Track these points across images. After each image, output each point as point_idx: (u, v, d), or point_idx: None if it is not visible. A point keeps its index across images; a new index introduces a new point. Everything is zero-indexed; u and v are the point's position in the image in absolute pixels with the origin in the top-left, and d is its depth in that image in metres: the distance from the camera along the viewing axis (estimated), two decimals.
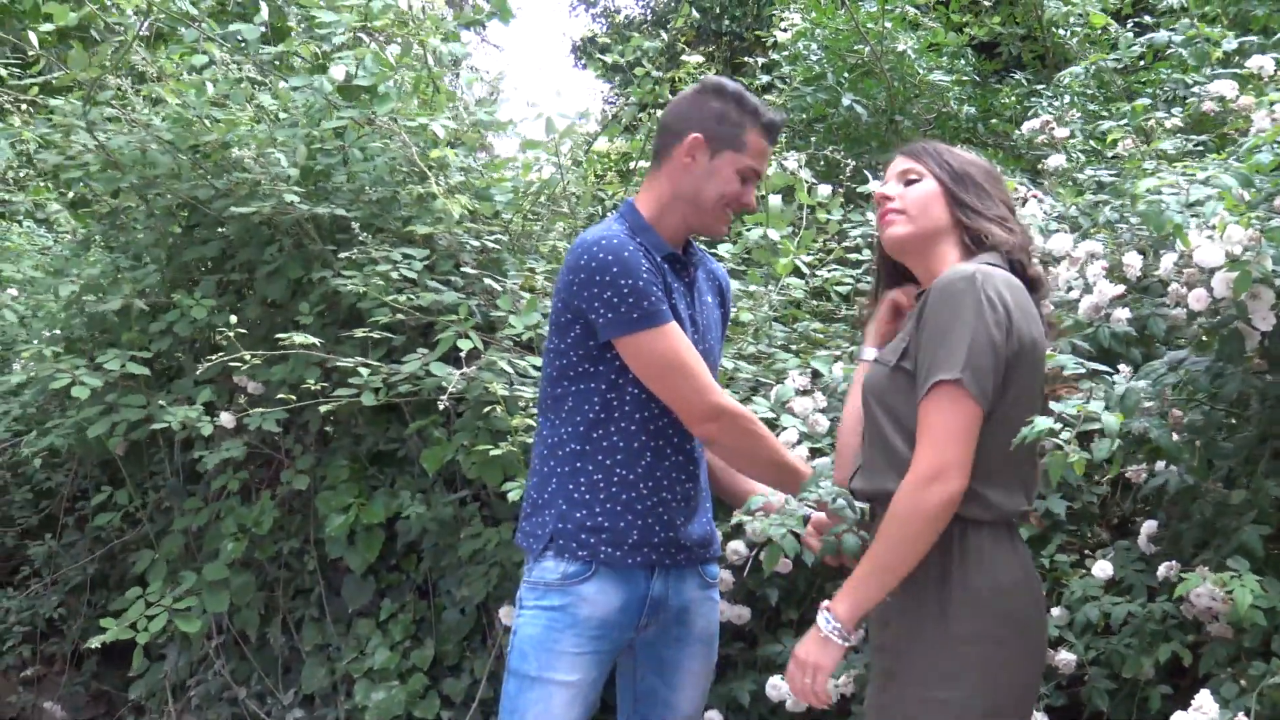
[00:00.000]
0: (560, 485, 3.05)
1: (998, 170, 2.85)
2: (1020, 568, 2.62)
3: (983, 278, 2.51)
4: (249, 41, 4.94)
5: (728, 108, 3.03)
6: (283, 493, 5.06)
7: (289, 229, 4.92)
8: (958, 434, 2.47)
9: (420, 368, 4.23)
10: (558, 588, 2.99)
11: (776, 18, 8.32)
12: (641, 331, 2.90)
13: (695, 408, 2.94)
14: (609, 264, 2.89)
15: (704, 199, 3.03)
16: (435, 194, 4.34)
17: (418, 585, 4.96)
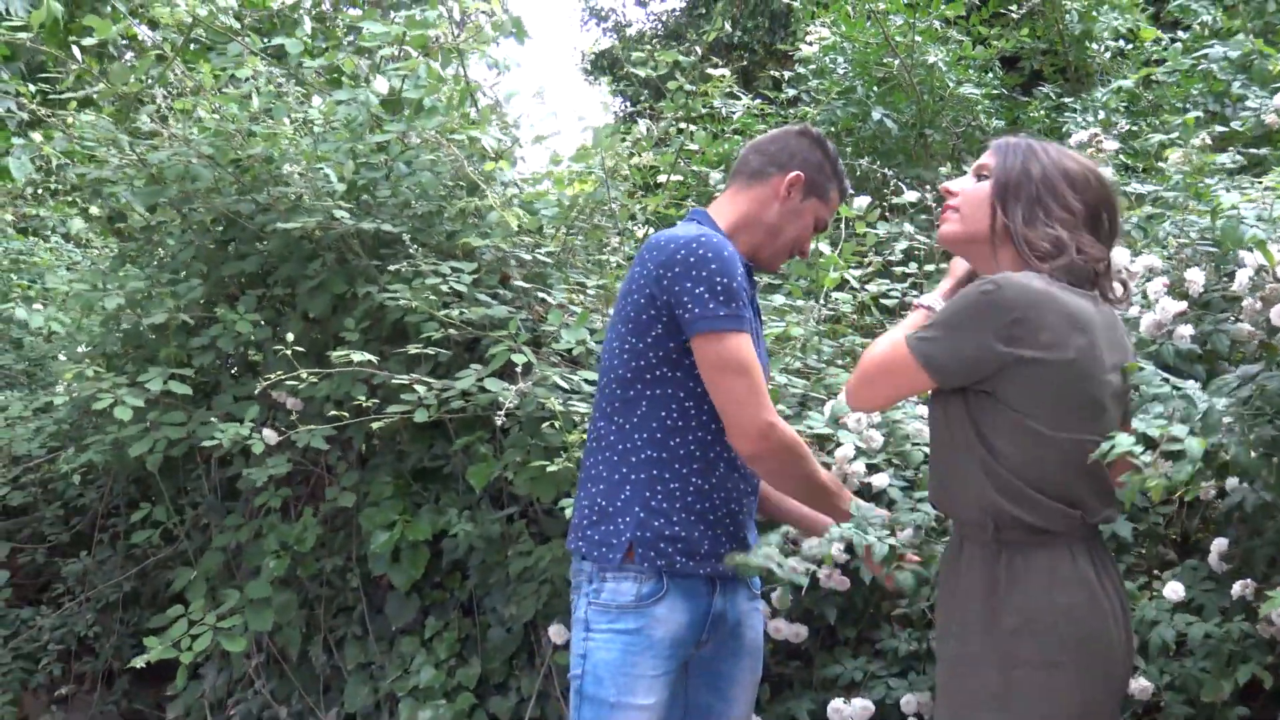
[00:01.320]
0: (635, 492, 3.00)
1: (1097, 177, 2.75)
2: (1081, 587, 2.55)
3: (1005, 281, 2.50)
4: (291, 55, 4.90)
5: (825, 162, 3.18)
6: (325, 510, 5.01)
7: (332, 244, 4.87)
8: (882, 369, 2.63)
9: (474, 383, 4.18)
10: (633, 610, 2.96)
11: (801, 31, 8.30)
12: (726, 332, 2.90)
13: (751, 420, 2.92)
14: (708, 259, 2.90)
15: (783, 234, 3.16)
16: (493, 206, 4.29)
17: (462, 603, 4.91)
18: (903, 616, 4.21)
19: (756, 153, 3.20)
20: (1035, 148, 2.74)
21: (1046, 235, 2.64)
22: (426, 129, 4.58)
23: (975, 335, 2.49)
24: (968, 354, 2.51)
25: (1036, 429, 2.51)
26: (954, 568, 2.68)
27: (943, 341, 2.52)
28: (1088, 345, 2.56)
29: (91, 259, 6.19)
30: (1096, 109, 7.50)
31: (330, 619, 5.08)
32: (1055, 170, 2.71)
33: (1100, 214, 2.73)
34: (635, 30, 12.73)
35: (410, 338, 4.71)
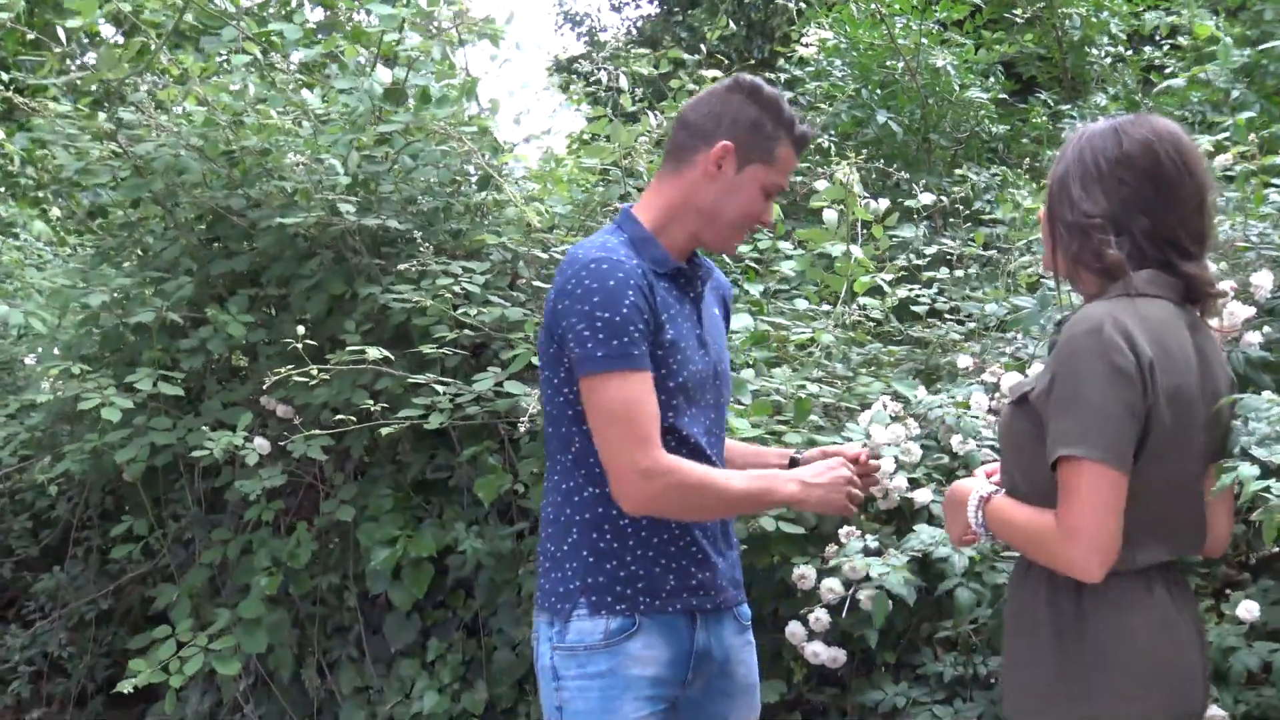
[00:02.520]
0: (582, 535, 2.68)
1: (1143, 146, 2.35)
2: (1159, 616, 2.34)
3: (1112, 327, 2.22)
4: (288, 41, 4.61)
5: (763, 116, 2.66)
6: (320, 524, 4.72)
7: (329, 241, 4.59)
8: (1098, 505, 2.21)
9: (490, 387, 3.91)
10: (603, 649, 2.63)
11: (796, 33, 8.10)
12: (602, 374, 2.54)
13: (627, 469, 2.55)
14: (592, 290, 2.53)
15: (723, 214, 2.69)
16: (511, 201, 4.01)
17: (465, 623, 4.64)
18: (946, 639, 3.98)
19: (681, 126, 2.73)
20: (1070, 144, 2.43)
21: (1099, 255, 2.34)
22: (437, 119, 4.30)
23: (1122, 416, 2.22)
24: (1133, 429, 2.24)
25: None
26: (1022, 591, 2.45)
27: (1116, 438, 2.22)
28: (1189, 374, 2.32)
29: (64, 257, 5.85)
30: (1097, 115, 7.34)
31: (324, 639, 4.78)
32: (1084, 161, 2.38)
33: (1147, 184, 2.35)
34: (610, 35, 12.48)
35: (413, 340, 4.45)
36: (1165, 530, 2.35)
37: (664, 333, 2.61)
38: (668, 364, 2.62)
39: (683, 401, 2.66)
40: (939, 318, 4.89)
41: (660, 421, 2.60)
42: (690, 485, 2.57)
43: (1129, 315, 2.25)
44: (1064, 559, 2.25)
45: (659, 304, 2.61)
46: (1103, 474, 2.20)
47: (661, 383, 2.61)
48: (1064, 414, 2.23)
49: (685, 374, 2.65)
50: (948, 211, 6.32)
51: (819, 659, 3.70)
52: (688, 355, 2.66)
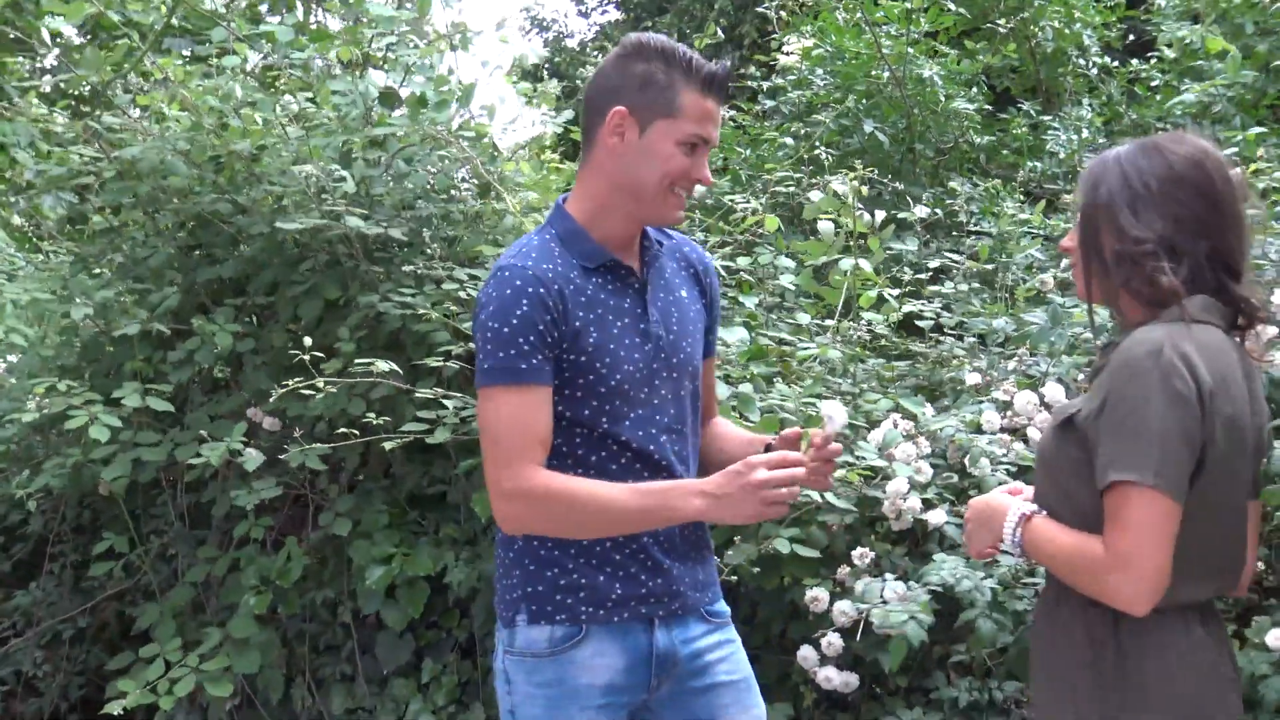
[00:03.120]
0: (525, 542, 2.57)
1: (1222, 168, 2.25)
2: (1203, 654, 2.26)
3: (1171, 351, 2.12)
4: (280, 43, 4.48)
5: (652, 67, 2.45)
6: (312, 540, 4.59)
7: (322, 246, 4.47)
8: (1152, 534, 2.11)
9: None
10: (549, 658, 2.54)
11: (777, 41, 8.04)
12: (484, 388, 2.44)
13: (493, 486, 2.46)
14: (490, 299, 2.44)
15: (644, 183, 2.48)
16: (510, 210, 3.90)
17: (460, 643, 4.52)
18: (960, 664, 3.90)
19: (584, 109, 2.54)
20: (1103, 168, 2.31)
21: (1153, 282, 2.24)
22: (436, 123, 4.18)
23: (1181, 445, 2.12)
24: (1190, 458, 2.15)
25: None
26: (1053, 627, 2.34)
27: (1173, 466, 2.12)
28: (1243, 403, 2.23)
29: (37, 265, 5.67)
30: (1080, 127, 7.33)
31: (314, 658, 4.65)
32: (1130, 185, 2.26)
33: (1201, 203, 2.25)
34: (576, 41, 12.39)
35: (408, 348, 4.33)
36: (1208, 566, 2.26)
37: (584, 338, 2.48)
38: (594, 369, 2.49)
39: (620, 405, 2.51)
40: (940, 333, 4.82)
41: (594, 428, 2.50)
42: (561, 506, 2.44)
43: (1188, 341, 2.17)
44: (1111, 589, 2.14)
45: (581, 304, 2.48)
46: (1158, 501, 2.10)
47: (591, 388, 2.49)
48: (1119, 438, 2.13)
49: (619, 376, 2.51)
50: (936, 224, 6.27)
51: (831, 684, 3.61)
52: (621, 356, 2.51)
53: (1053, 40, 7.80)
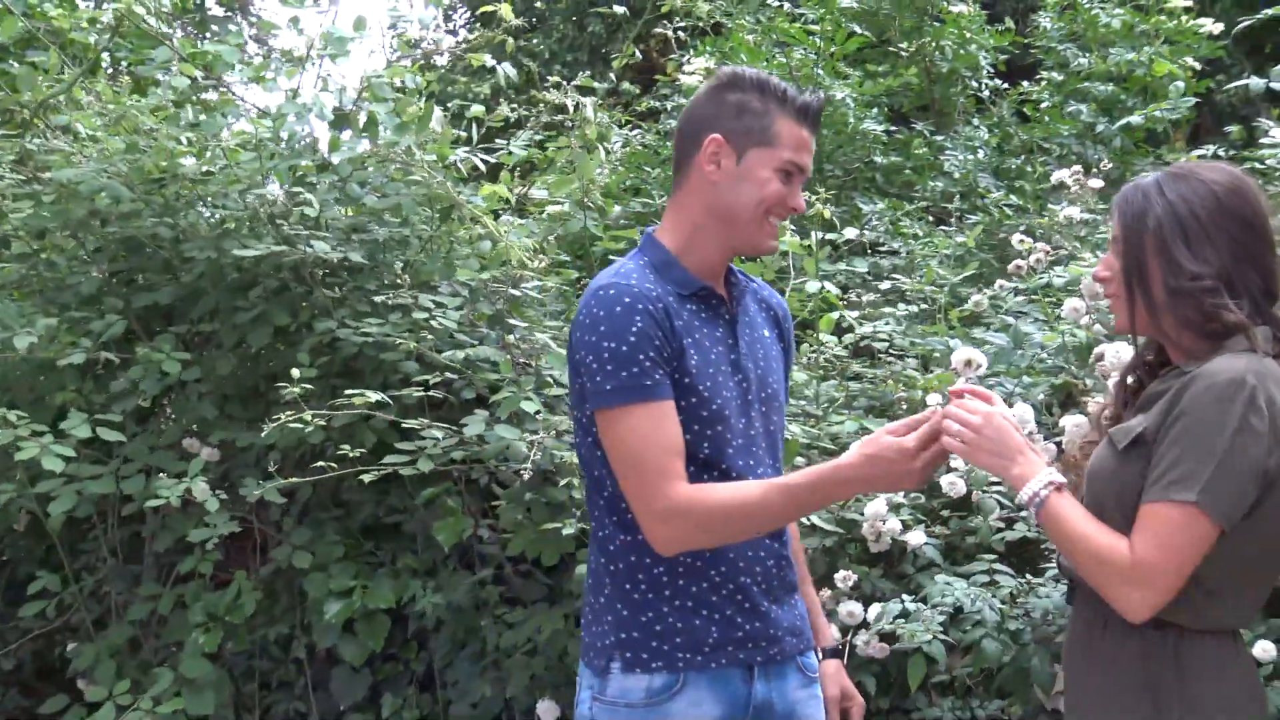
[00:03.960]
0: (616, 586, 2.52)
1: (1250, 199, 2.27)
2: (1246, 676, 2.30)
3: (1255, 381, 2.13)
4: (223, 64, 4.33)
5: (747, 96, 2.47)
6: (262, 574, 4.44)
7: (270, 272, 4.33)
8: (1183, 553, 2.14)
9: (481, 431, 3.72)
10: (643, 708, 2.47)
11: (674, 62, 8.05)
12: (611, 409, 2.40)
13: (646, 512, 2.40)
14: (599, 320, 2.41)
15: (740, 210, 2.48)
16: (491, 234, 3.82)
17: (419, 677, 4.40)
18: (940, 684, 3.93)
19: (676, 139, 2.57)
20: (1145, 197, 2.31)
21: (1216, 318, 2.23)
22: (396, 146, 4.08)
23: (1243, 471, 2.13)
24: (1251, 487, 2.15)
25: (1242, 529, 2.21)
26: (1100, 649, 2.33)
27: (1227, 491, 2.13)
28: None
29: None
30: (975, 147, 7.49)
31: (264, 697, 4.49)
32: (1179, 217, 2.26)
33: (1250, 233, 2.27)
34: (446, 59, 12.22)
35: (365, 376, 4.22)
36: (1257, 593, 2.29)
37: (688, 358, 2.44)
38: (697, 391, 2.45)
39: (723, 431, 2.48)
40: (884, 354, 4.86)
41: (695, 454, 2.44)
42: (716, 517, 2.39)
43: (1267, 374, 2.18)
44: (1124, 592, 2.15)
45: (680, 328, 2.45)
46: (1206, 527, 2.12)
47: (693, 411, 2.44)
48: (1182, 458, 2.14)
49: (720, 400, 2.47)
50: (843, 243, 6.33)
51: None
52: (720, 381, 2.48)
53: (950, 61, 7.94)
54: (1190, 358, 2.27)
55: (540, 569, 4.19)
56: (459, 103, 5.07)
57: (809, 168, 2.49)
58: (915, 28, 7.74)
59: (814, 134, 2.49)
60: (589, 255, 5.05)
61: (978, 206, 6.87)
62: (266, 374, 4.49)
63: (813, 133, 2.49)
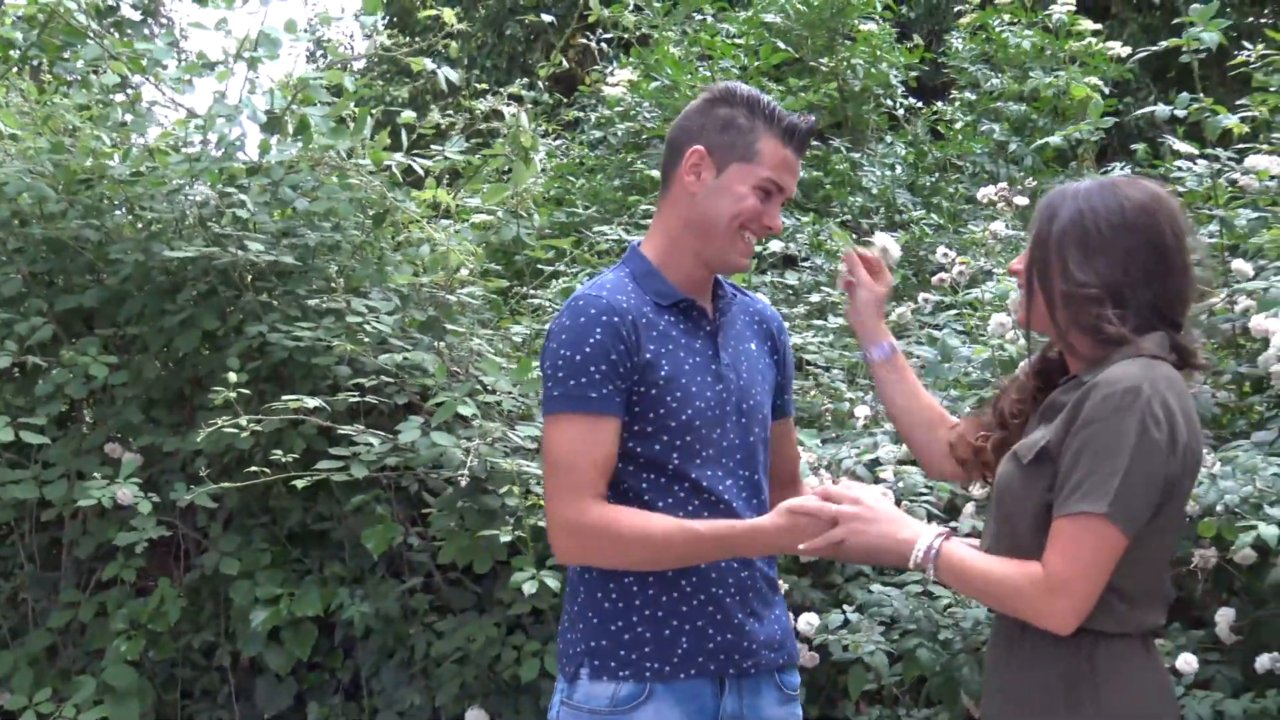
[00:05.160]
0: (589, 594, 2.55)
1: (1174, 217, 2.31)
2: (1159, 680, 2.36)
3: (1150, 390, 2.18)
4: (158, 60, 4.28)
5: (735, 112, 2.48)
6: (187, 581, 4.38)
7: (199, 275, 4.29)
8: (1097, 564, 2.19)
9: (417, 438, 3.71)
10: (606, 714, 2.49)
11: (596, 74, 8.09)
12: (550, 415, 2.46)
13: (553, 518, 2.47)
14: (562, 328, 2.46)
15: (714, 223, 2.49)
16: (433, 238, 3.81)
17: (344, 686, 4.37)
18: (868, 692, 3.97)
19: (665, 150, 2.58)
20: (1060, 201, 2.35)
21: (1097, 328, 2.28)
22: (330, 151, 4.06)
23: (1147, 481, 2.18)
24: (1154, 496, 2.21)
25: (1145, 535, 2.28)
26: (1019, 655, 2.35)
27: (1134, 501, 2.18)
28: (1200, 441, 2.31)
29: None
30: (892, 164, 7.60)
31: (186, 706, 4.43)
32: (1083, 225, 2.31)
33: (1149, 252, 2.30)
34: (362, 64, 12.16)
35: (295, 381, 4.19)
36: (1160, 595, 2.35)
37: (656, 370, 2.47)
38: (665, 402, 2.47)
39: (692, 443, 2.49)
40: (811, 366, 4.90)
41: (663, 465, 2.48)
42: (617, 530, 2.42)
43: (1163, 382, 2.25)
44: (1044, 610, 2.21)
45: (653, 339, 2.48)
46: (1113, 536, 2.17)
47: (661, 422, 2.47)
48: (1088, 470, 2.19)
49: (691, 411, 2.49)
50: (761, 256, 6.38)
51: None
52: (693, 392, 2.50)
53: (861, 79, 8.04)
54: (1085, 363, 2.33)
55: (470, 577, 4.18)
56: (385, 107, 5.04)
57: (790, 188, 2.52)
58: (827, 45, 7.83)
59: (799, 156, 2.51)
60: (517, 264, 5.06)
61: (896, 222, 6.97)
62: (193, 378, 4.45)
63: (799, 154, 2.51)
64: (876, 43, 7.79)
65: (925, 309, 5.02)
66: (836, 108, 8.27)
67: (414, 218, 4.08)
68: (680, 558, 2.46)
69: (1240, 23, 10.06)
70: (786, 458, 2.82)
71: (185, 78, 4.58)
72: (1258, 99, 4.44)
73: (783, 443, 2.79)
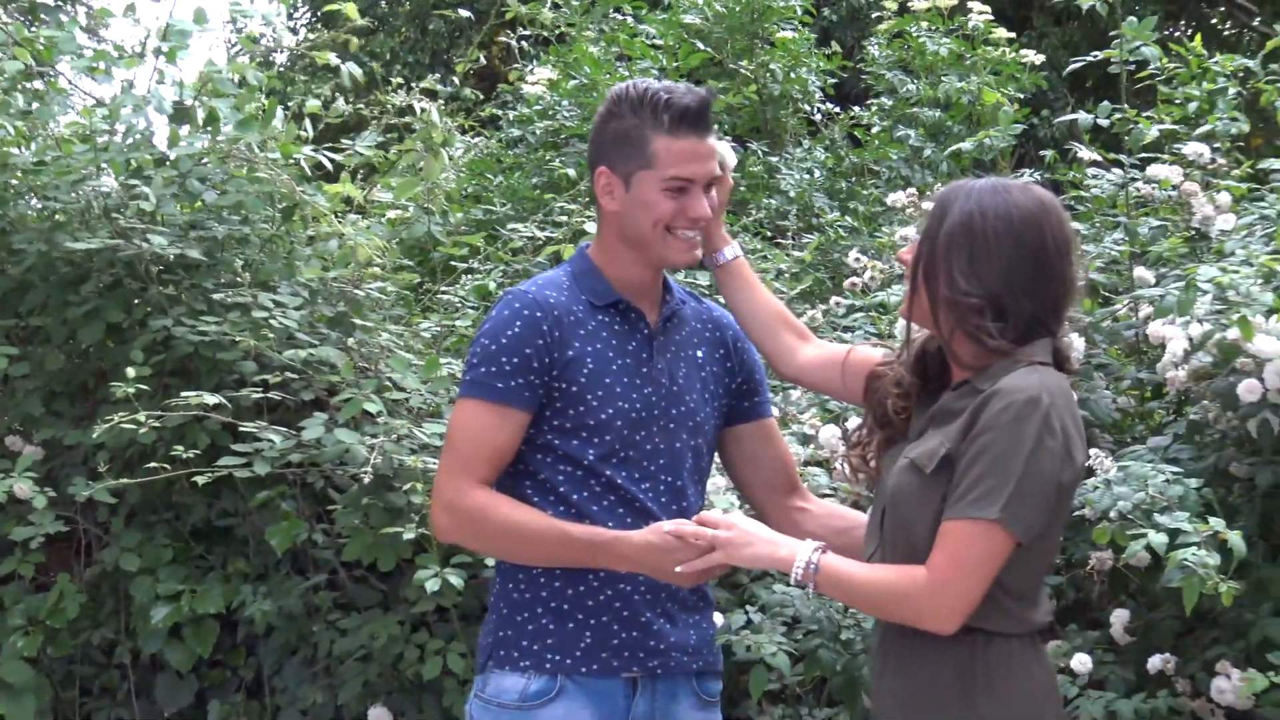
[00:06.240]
0: (502, 585, 2.59)
1: (1023, 217, 2.32)
2: (1046, 677, 2.43)
3: (1049, 401, 2.23)
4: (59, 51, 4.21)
5: (625, 123, 2.51)
6: (87, 576, 4.32)
7: (104, 267, 4.23)
8: (983, 567, 2.25)
9: (321, 435, 3.68)
10: (515, 710, 2.50)
11: (517, 71, 8.07)
12: (460, 399, 2.54)
13: (436, 494, 2.55)
14: (489, 319, 2.56)
15: (640, 234, 2.53)
16: (341, 232, 3.79)
17: (246, 683, 4.32)
18: (771, 692, 3.99)
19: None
20: (954, 199, 2.36)
21: (977, 338, 2.32)
22: (238, 143, 4.02)
23: (1042, 489, 2.24)
24: (1048, 503, 2.27)
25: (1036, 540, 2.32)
26: (910, 653, 2.39)
27: (1027, 508, 2.23)
28: (1082, 446, 2.36)
29: None
30: (811, 169, 7.64)
31: (85, 703, 4.36)
32: (971, 231, 2.32)
33: (1031, 265, 2.33)
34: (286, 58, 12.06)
35: (200, 376, 4.14)
36: (1043, 594, 2.43)
37: (579, 367, 2.51)
38: (586, 400, 2.51)
39: (611, 441, 2.52)
40: None
41: (579, 460, 2.51)
42: (488, 528, 2.49)
43: (1059, 393, 2.29)
44: (926, 611, 2.26)
45: (580, 335, 2.52)
46: (1003, 541, 2.23)
47: (580, 419, 2.52)
48: (987, 476, 2.23)
49: (611, 410, 2.52)
50: None
51: None
52: (617, 392, 2.53)
53: (780, 83, 8.08)
54: (970, 370, 2.36)
55: (375, 575, 4.15)
56: (301, 99, 4.99)
57: (703, 174, 2.51)
58: (747, 49, 7.87)
59: (703, 135, 2.51)
60: (430, 260, 5.03)
61: (813, 225, 7.02)
62: (97, 371, 4.38)
63: (701, 136, 2.51)
64: (795, 49, 7.83)
65: (838, 311, 5.05)
66: (756, 111, 8.32)
67: (323, 212, 4.03)
68: (549, 557, 2.51)
69: (1157, 33, 10.26)
70: (773, 462, 2.81)
71: (100, 66, 4.52)
72: (1163, 110, 4.51)
73: (765, 446, 2.80)
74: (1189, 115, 4.46)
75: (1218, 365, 3.41)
